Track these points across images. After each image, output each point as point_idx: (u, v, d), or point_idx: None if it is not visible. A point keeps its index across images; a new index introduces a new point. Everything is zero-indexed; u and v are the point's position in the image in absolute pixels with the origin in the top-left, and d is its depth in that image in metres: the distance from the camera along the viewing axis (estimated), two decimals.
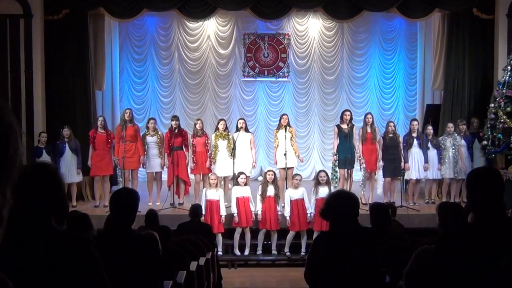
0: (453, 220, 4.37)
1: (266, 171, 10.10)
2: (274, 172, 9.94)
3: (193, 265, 5.78)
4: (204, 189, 9.96)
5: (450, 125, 11.12)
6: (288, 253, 9.78)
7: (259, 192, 9.72)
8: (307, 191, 9.78)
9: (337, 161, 10.86)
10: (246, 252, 9.87)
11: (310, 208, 9.57)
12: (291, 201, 9.60)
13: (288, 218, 9.62)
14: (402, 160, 10.69)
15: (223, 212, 9.67)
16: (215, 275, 7.56)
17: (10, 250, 2.06)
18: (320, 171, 10.03)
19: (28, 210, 2.31)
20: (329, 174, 10.41)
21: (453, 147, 10.92)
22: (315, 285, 4.11)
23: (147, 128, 11.04)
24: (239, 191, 9.72)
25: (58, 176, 2.52)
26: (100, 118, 10.99)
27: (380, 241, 5.02)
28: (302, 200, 9.61)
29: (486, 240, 2.82)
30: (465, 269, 2.82)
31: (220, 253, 9.59)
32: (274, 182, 9.79)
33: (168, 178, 10.90)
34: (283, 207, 9.78)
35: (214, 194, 9.69)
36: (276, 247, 9.90)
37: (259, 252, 9.89)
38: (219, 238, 9.74)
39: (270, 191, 9.67)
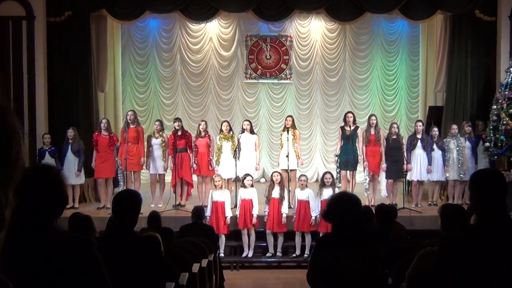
0: (456, 222, 4.36)
1: (272, 172, 10.10)
2: (280, 174, 9.95)
3: (195, 267, 5.77)
4: (211, 190, 9.97)
5: (454, 126, 11.10)
6: (293, 255, 9.78)
7: (266, 193, 9.74)
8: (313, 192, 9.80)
9: (338, 163, 10.86)
10: (250, 254, 9.86)
11: (316, 210, 9.56)
12: (298, 201, 9.63)
13: (294, 217, 9.64)
14: (405, 161, 10.68)
15: (228, 213, 9.68)
16: (217, 277, 7.55)
17: (12, 251, 2.06)
18: (326, 172, 10.00)
19: (30, 211, 2.31)
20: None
21: (457, 149, 10.90)
22: (318, 287, 4.10)
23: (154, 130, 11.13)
24: (244, 193, 9.72)
25: (61, 178, 2.52)
26: (104, 121, 11.00)
27: (383, 243, 5.02)
28: (307, 202, 9.62)
29: (488, 242, 2.82)
30: (468, 272, 2.81)
31: (222, 254, 9.58)
32: (281, 183, 9.79)
33: (172, 180, 10.91)
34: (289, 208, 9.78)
35: (220, 195, 9.71)
36: (282, 249, 9.89)
37: (269, 254, 9.88)
38: (222, 239, 9.74)
39: (275, 193, 9.67)
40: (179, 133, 10.82)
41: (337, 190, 9.77)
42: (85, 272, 2.31)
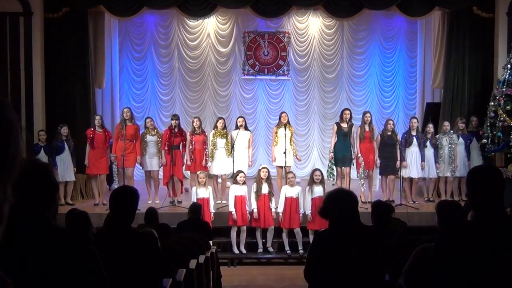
0: (453, 218, 4.37)
1: (260, 168, 10.04)
2: (268, 169, 9.93)
3: (192, 263, 5.78)
4: (194, 187, 9.94)
5: (446, 123, 11.14)
6: (288, 251, 9.76)
7: (254, 189, 9.71)
8: (302, 190, 9.77)
9: (333, 159, 10.85)
10: (242, 250, 9.84)
11: (306, 208, 9.53)
12: (285, 198, 9.61)
13: (281, 214, 9.62)
14: (398, 158, 10.69)
15: (212, 209, 9.70)
16: (215, 273, 7.56)
17: (9, 247, 2.06)
18: (315, 169, 9.95)
19: (27, 207, 2.30)
20: (325, 172, 10.37)
21: (449, 146, 10.93)
22: (315, 283, 4.11)
23: (146, 127, 11.05)
24: (237, 190, 9.70)
25: (47, 168, 2.52)
26: (97, 117, 10.98)
27: (380, 239, 5.02)
28: (297, 199, 9.61)
29: (485, 238, 2.82)
30: (465, 268, 2.82)
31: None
32: (268, 179, 9.78)
33: (164, 176, 10.91)
34: (276, 208, 9.77)
35: (204, 192, 9.70)
36: (272, 245, 9.88)
37: (260, 250, 9.88)
38: None
39: (265, 188, 9.66)
40: (176, 130, 10.80)
41: (327, 187, 9.71)
42: (82, 268, 2.31)
